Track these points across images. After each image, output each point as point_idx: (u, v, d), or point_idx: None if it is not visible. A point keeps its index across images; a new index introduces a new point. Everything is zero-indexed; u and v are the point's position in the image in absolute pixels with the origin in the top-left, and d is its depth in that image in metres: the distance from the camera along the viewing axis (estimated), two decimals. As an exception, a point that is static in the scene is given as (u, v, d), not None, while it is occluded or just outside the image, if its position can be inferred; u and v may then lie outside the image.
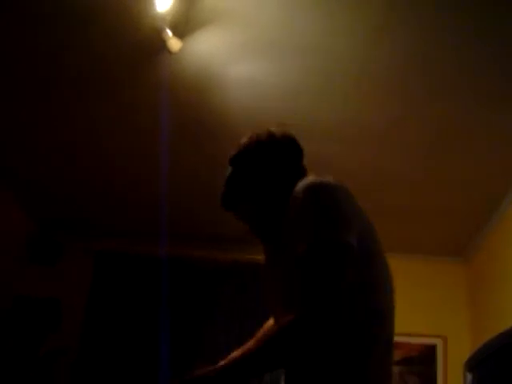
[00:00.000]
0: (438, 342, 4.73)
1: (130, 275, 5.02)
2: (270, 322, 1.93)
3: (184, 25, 2.81)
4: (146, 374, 4.68)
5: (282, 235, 1.56)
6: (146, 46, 2.97)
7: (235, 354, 1.58)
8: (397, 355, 4.68)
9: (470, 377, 2.58)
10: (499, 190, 3.94)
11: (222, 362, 1.49)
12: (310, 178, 1.53)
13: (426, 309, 4.85)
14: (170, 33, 2.80)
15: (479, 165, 3.73)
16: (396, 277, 5.23)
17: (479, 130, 3.39)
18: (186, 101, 3.35)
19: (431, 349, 4.72)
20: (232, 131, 3.58)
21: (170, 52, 2.87)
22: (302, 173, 1.73)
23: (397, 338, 5.18)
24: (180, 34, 2.84)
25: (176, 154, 3.88)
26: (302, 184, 1.51)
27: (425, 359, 4.69)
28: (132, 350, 4.75)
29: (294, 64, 3.01)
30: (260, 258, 4.63)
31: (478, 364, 2.47)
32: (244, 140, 1.79)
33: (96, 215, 4.91)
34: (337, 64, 2.99)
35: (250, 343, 1.83)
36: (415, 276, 4.95)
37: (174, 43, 2.83)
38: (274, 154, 1.72)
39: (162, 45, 2.84)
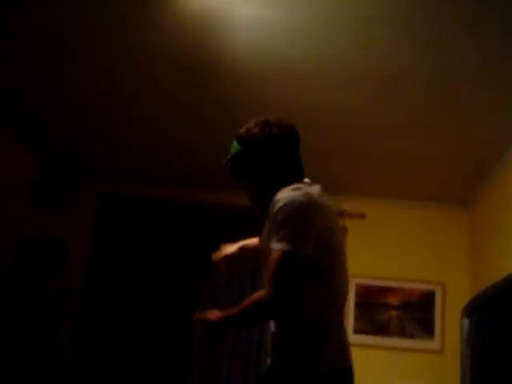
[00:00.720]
0: (437, 289, 4.79)
1: (134, 218, 5.06)
2: None
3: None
4: (151, 313, 4.77)
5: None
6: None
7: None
8: (396, 300, 4.75)
9: (467, 322, 2.63)
10: (503, 139, 3.92)
11: (224, 312, 2.00)
12: (289, 194, 1.97)
13: (427, 255, 4.90)
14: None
15: (483, 113, 3.70)
16: (398, 223, 5.31)
17: (483, 79, 3.35)
18: (189, 41, 3.30)
19: (430, 295, 4.79)
20: (235, 72, 3.54)
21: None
22: (298, 163, 2.18)
23: (396, 284, 5.31)
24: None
25: (179, 95, 3.85)
26: (281, 195, 1.97)
27: (423, 305, 4.76)
28: (136, 291, 4.83)
29: (300, 6, 2.96)
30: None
31: (475, 310, 2.52)
32: (254, 125, 2.15)
33: (101, 158, 4.91)
34: (343, 8, 2.93)
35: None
36: (417, 223, 4.99)
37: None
38: (278, 148, 2.13)
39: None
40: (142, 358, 4.65)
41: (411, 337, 4.70)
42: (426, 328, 4.70)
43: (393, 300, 4.76)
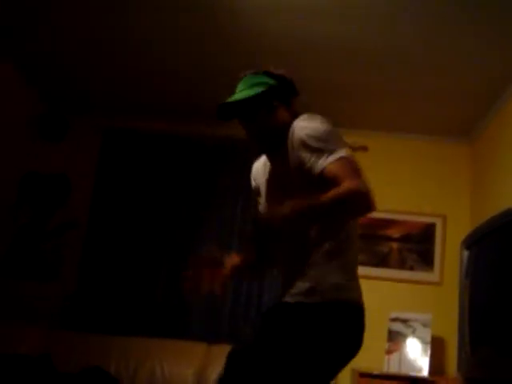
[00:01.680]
0: (438, 221, 4.83)
1: (137, 151, 5.07)
2: None
3: None
4: (154, 244, 4.84)
5: (287, 156, 2.03)
6: None
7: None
8: (397, 232, 4.80)
9: (466, 254, 2.67)
10: (506, 73, 3.88)
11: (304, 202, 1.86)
12: (309, 118, 2.00)
13: (428, 188, 4.92)
14: None
15: (488, 48, 3.64)
16: (400, 156, 5.33)
17: (489, 13, 3.29)
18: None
19: (431, 227, 4.83)
20: (234, 4, 3.48)
21: None
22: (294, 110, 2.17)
23: (397, 216, 5.34)
24: None
25: (184, 25, 3.79)
26: (302, 122, 1.99)
27: (424, 237, 4.81)
28: (140, 223, 4.89)
29: None
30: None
31: (475, 242, 2.56)
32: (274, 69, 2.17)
33: (104, 91, 4.86)
34: None
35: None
36: (419, 156, 4.98)
37: None
38: (287, 91, 2.15)
39: None
40: (147, 288, 4.75)
41: (411, 269, 4.76)
42: (426, 260, 4.76)
43: (394, 232, 4.81)
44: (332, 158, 1.90)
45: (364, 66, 4.04)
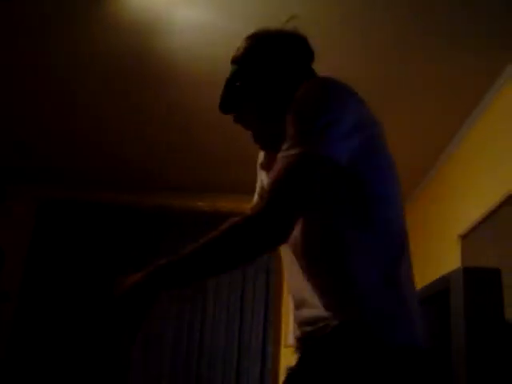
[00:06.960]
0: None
1: (72, 222, 4.99)
2: None
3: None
4: (88, 316, 4.71)
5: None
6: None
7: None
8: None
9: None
10: (443, 137, 4.02)
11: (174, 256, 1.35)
12: (319, 77, 1.44)
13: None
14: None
15: (425, 112, 3.78)
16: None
17: (417, 80, 3.43)
18: (131, 44, 3.26)
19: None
20: (178, 77, 3.52)
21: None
22: (311, 75, 1.55)
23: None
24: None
25: (121, 99, 3.81)
26: (308, 82, 1.39)
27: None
28: (74, 295, 4.76)
29: (243, 10, 2.95)
30: (200, 205, 4.56)
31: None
32: (248, 38, 1.65)
33: (41, 161, 4.82)
34: (284, 10, 2.94)
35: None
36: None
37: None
38: (282, 52, 1.56)
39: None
40: (78, 364, 4.59)
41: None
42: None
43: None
44: (287, 152, 1.28)
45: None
